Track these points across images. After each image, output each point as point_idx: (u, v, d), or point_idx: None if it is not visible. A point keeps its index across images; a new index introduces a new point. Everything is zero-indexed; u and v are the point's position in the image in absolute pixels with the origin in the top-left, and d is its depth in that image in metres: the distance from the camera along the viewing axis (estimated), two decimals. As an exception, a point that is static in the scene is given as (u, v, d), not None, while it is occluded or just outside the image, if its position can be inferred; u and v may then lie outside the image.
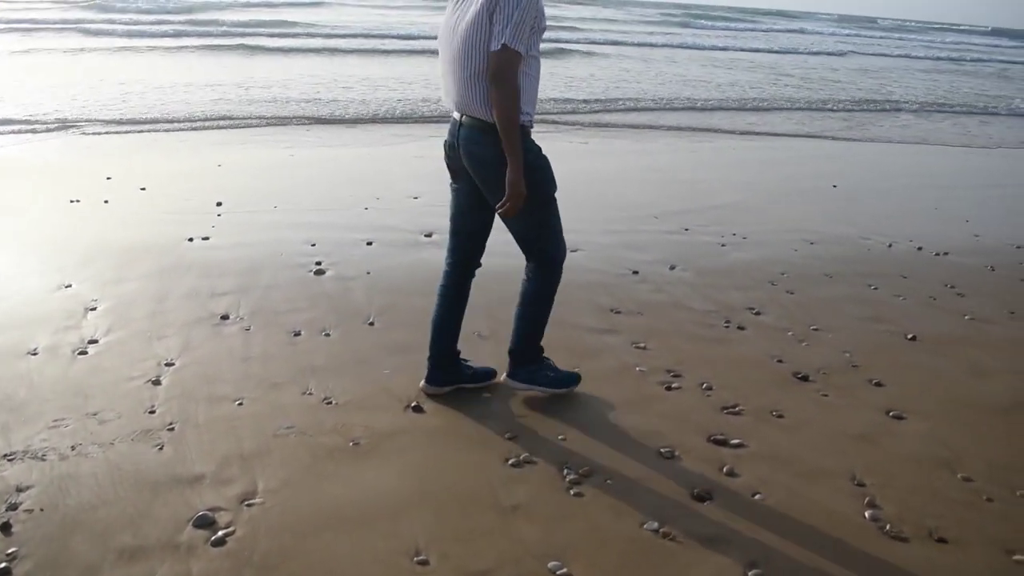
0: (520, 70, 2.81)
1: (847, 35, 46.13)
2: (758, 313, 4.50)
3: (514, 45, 2.72)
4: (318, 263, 5.08)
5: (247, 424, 3.12)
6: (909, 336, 4.27)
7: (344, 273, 4.95)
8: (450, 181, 3.27)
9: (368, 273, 4.96)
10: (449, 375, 3.40)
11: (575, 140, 10.20)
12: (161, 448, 2.90)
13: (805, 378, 3.69)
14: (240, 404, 3.27)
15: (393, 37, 22.66)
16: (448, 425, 3.19)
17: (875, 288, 5.05)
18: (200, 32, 20.77)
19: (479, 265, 3.41)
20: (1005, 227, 6.88)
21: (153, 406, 3.20)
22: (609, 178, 7.81)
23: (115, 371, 3.50)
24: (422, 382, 3.40)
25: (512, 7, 2.69)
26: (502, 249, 5.45)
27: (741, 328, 4.25)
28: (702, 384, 3.57)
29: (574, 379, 3.43)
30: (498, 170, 2.89)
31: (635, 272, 5.13)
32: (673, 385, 3.55)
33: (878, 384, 3.67)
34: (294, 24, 24.72)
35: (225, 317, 4.18)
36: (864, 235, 6.31)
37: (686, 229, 6.15)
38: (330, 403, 3.31)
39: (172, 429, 3.04)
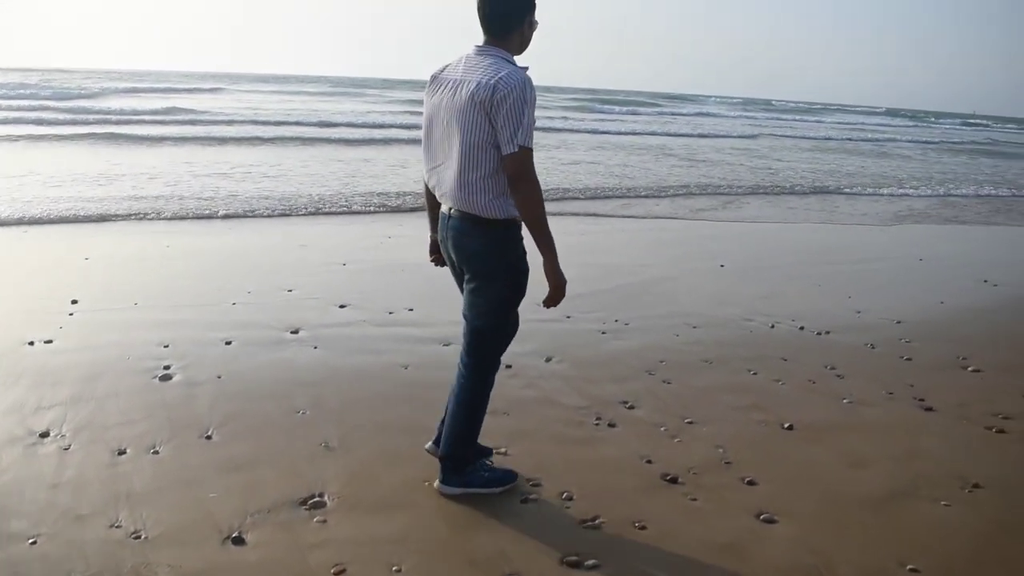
0: None
1: (746, 117, 47.96)
2: (632, 407, 4.27)
3: (529, 143, 2.75)
4: (166, 367, 4.68)
5: (33, 570, 2.69)
6: (786, 425, 4.09)
7: (193, 377, 4.56)
8: (455, 281, 3.21)
9: (219, 377, 4.58)
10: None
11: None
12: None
13: (674, 480, 3.44)
14: (33, 543, 2.85)
15: (288, 124, 22.57)
16: (267, 560, 2.81)
17: (755, 373, 4.89)
18: (80, 120, 20.21)
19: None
20: (885, 301, 6.89)
21: (-79, 554, 2.75)
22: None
23: None
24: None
25: (520, 109, 2.71)
26: (357, 346, 5.18)
27: (612, 425, 4.00)
28: (563, 494, 3.29)
29: (511, 477, 3.29)
30: (490, 265, 2.93)
31: (508, 366, 4.84)
32: (530, 497, 3.26)
33: (751, 483, 3.45)
34: (186, 111, 24.37)
35: (45, 435, 3.74)
36: (748, 316, 6.21)
37: (568, 316, 5.94)
38: (138, 537, 2.91)
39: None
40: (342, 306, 6.06)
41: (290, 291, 6.47)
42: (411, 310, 6.02)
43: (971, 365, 5.26)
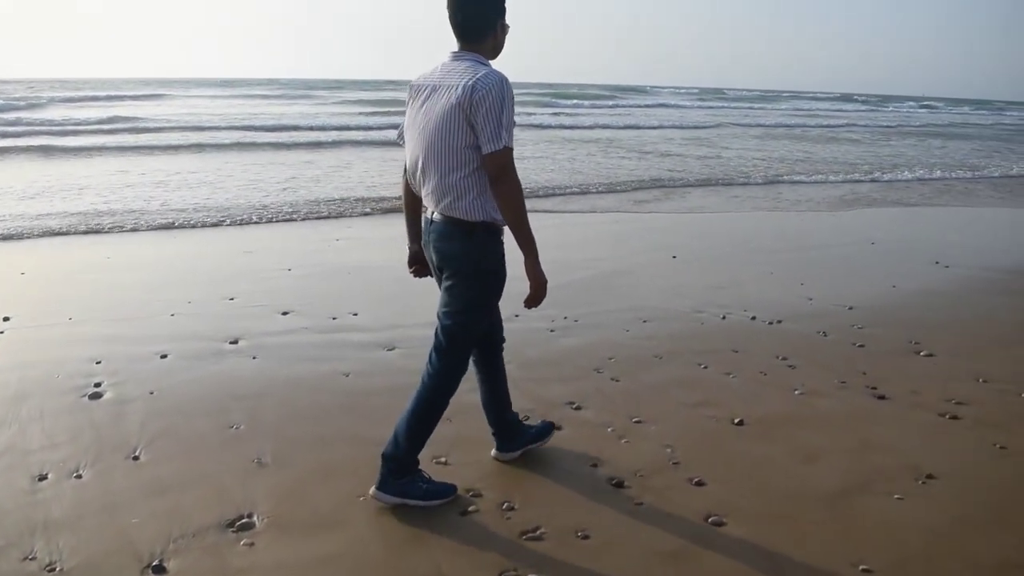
0: None
1: (699, 107, 48.19)
2: (579, 408, 4.14)
3: (509, 143, 2.76)
4: (97, 384, 4.48)
5: (-66, 613, 2.50)
6: (736, 421, 3.99)
7: (124, 395, 4.36)
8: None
9: (151, 393, 4.38)
10: (516, 441, 3.50)
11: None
12: None
13: (620, 484, 3.32)
14: (-63, 584, 2.64)
15: (230, 129, 22.17)
16: (187, 591, 2.64)
17: (705, 367, 4.80)
18: (22, 132, 19.68)
19: (504, 339, 3.42)
20: (837, 287, 6.85)
21: None
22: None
23: None
24: (493, 450, 3.51)
25: (499, 109, 2.72)
26: (298, 354, 4.99)
27: (558, 428, 3.87)
28: (504, 504, 3.15)
29: (451, 490, 3.20)
30: (470, 268, 2.94)
31: (453, 369, 4.71)
32: (470, 509, 3.11)
33: (699, 483, 3.34)
34: (128, 119, 23.88)
35: (-40, 464, 3.52)
36: (699, 308, 6.12)
37: (516, 315, 5.77)
38: (53, 570, 2.73)
39: None
40: (285, 313, 5.87)
41: (232, 299, 6.27)
42: (355, 315, 5.85)
43: (924, 350, 5.21)
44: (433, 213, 2.98)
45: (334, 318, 5.77)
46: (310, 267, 7.46)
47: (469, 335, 3.11)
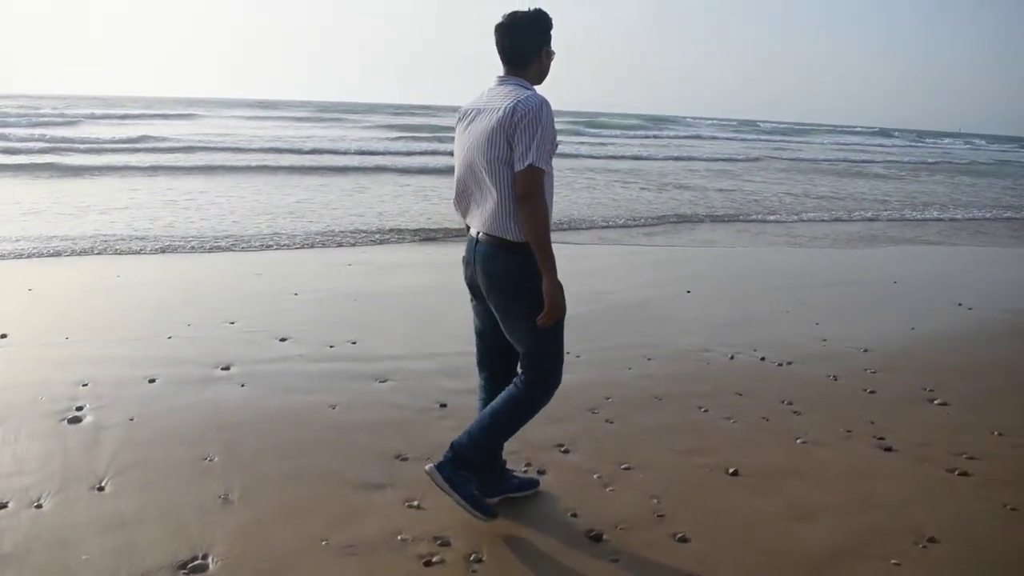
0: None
1: (729, 139, 47.95)
2: (567, 451, 3.96)
3: (539, 163, 2.81)
4: (79, 408, 4.39)
5: None
6: (730, 471, 3.79)
7: (104, 420, 4.26)
8: (471, 298, 3.27)
9: (131, 419, 4.27)
10: (499, 487, 3.33)
11: (417, 252, 9.79)
12: None
13: (598, 537, 3.14)
14: None
15: (252, 151, 22.29)
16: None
17: (705, 411, 4.60)
18: (50, 149, 19.89)
19: (518, 374, 3.22)
20: (854, 328, 6.62)
21: None
22: (453, 292, 7.31)
23: None
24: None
25: (534, 127, 2.79)
26: (288, 383, 4.81)
27: (541, 472, 3.70)
28: (471, 555, 2.98)
29: (490, 511, 3.12)
30: (512, 287, 2.98)
31: (442, 405, 4.57)
32: (435, 559, 2.95)
33: (682, 539, 3.14)
34: (157, 139, 24.12)
35: (-78, 490, 3.41)
36: (707, 346, 5.92)
37: (516, 348, 5.63)
38: (-10, 611, 2.59)
39: None
40: (283, 339, 5.76)
41: (232, 323, 6.17)
42: (354, 343, 5.73)
43: (938, 398, 4.98)
44: (479, 233, 3.03)
45: (331, 346, 5.65)
46: (317, 292, 7.36)
47: (556, 363, 3.14)
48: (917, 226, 14.88)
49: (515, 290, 2.99)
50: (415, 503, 3.37)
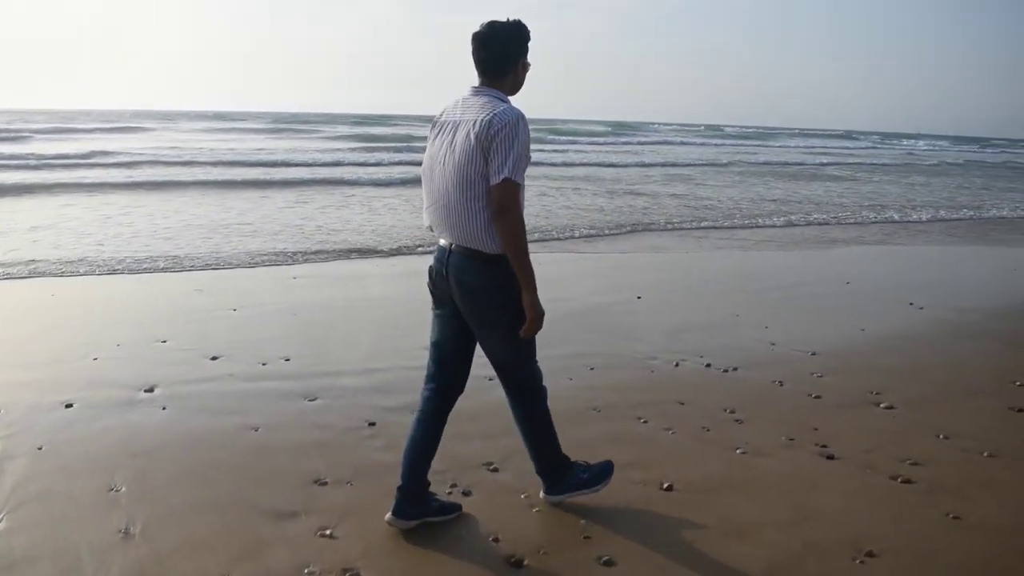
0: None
1: (691, 144, 48.15)
2: (496, 469, 3.79)
3: (515, 177, 2.82)
4: (-15, 438, 4.11)
5: None
6: (665, 486, 3.63)
7: (10, 450, 4.02)
8: (433, 307, 3.22)
9: (39, 448, 4.04)
10: (418, 508, 3.19)
11: (362, 265, 9.58)
12: None
13: (519, 563, 2.97)
14: None
15: (200, 164, 21.94)
16: None
17: (645, 421, 4.45)
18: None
19: (462, 391, 3.26)
20: (803, 331, 6.53)
21: None
22: (396, 305, 7.12)
23: None
24: (388, 515, 3.15)
25: (511, 142, 2.79)
26: (213, 405, 4.52)
27: (467, 494, 3.52)
28: (380, 588, 2.78)
29: (608, 469, 3.46)
30: (489, 298, 2.97)
31: (371, 424, 4.37)
32: (342, 593, 2.74)
33: (608, 563, 2.98)
34: (103, 154, 23.62)
35: None
36: (653, 354, 5.78)
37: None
38: None
39: None
40: (214, 358, 5.54)
41: (164, 342, 5.93)
42: (287, 360, 5.51)
43: (884, 401, 4.88)
44: (452, 245, 3.00)
45: (264, 364, 5.43)
46: (257, 307, 7.13)
47: (528, 364, 3.21)
48: (871, 227, 14.91)
49: (493, 301, 2.97)
50: (328, 532, 3.17)
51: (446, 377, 3.23)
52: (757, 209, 16.72)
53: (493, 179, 2.82)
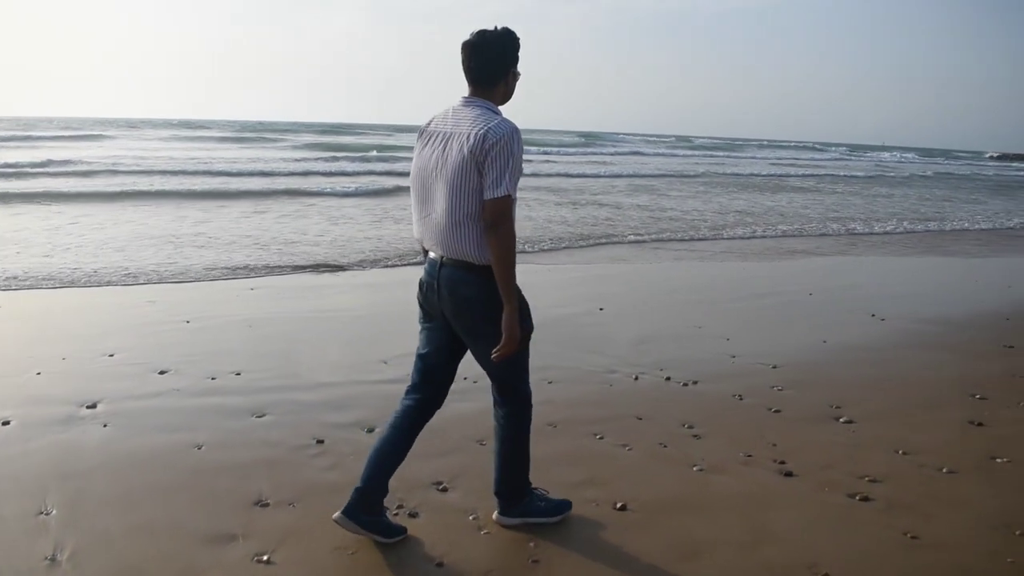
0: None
1: (661, 155, 48.40)
2: (445, 489, 3.67)
3: (510, 192, 2.81)
4: (-89, 460, 3.92)
5: None
6: (618, 506, 3.53)
7: (-61, 472, 3.81)
8: (421, 320, 3.20)
9: (-31, 470, 3.84)
10: (370, 518, 3.09)
11: (323, 276, 9.42)
12: None
13: (463, 590, 2.84)
14: None
15: (158, 174, 21.61)
16: None
17: (601, 438, 4.35)
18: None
19: (441, 406, 3.28)
20: (765, 343, 6.48)
21: None
22: (354, 317, 6.98)
23: None
24: (338, 513, 3.06)
25: (506, 156, 2.78)
26: (156, 422, 4.28)
27: (413, 515, 3.40)
28: (315, 618, 2.64)
29: (566, 505, 3.40)
30: (483, 310, 2.94)
31: (319, 441, 4.23)
32: (273, 625, 2.61)
33: (556, 588, 2.86)
34: (59, 163, 23.17)
35: None
36: (613, 367, 5.70)
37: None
38: None
39: None
40: (162, 372, 5.37)
41: (111, 356, 5.75)
42: (238, 374, 5.36)
43: (844, 415, 4.82)
44: (443, 258, 2.98)
45: (213, 378, 5.28)
46: (210, 319, 6.96)
47: (525, 379, 3.22)
48: (835, 238, 14.97)
49: (487, 313, 2.94)
50: (265, 557, 3.03)
51: (429, 389, 3.21)
52: (721, 220, 16.72)
53: (488, 194, 2.80)
